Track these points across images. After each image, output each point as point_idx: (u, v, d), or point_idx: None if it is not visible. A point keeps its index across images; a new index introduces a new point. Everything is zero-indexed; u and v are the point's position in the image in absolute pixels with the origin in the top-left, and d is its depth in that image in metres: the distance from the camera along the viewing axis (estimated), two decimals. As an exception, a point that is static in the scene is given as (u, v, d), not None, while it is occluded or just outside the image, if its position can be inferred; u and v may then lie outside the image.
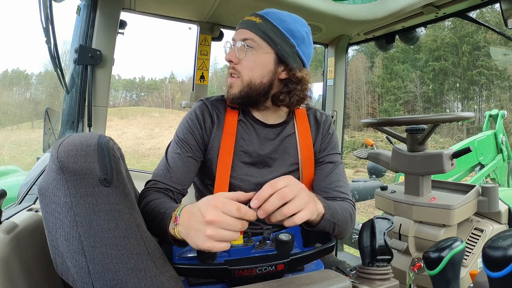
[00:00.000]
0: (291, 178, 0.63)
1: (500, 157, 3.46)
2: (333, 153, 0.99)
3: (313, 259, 0.73)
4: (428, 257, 0.62)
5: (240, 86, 0.89)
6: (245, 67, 0.89)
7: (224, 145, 0.91)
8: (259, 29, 0.88)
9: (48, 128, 1.26)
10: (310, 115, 1.01)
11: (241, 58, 0.88)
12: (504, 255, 0.41)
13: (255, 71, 0.89)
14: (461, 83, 25.60)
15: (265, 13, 0.90)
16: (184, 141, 0.90)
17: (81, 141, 0.56)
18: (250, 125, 0.96)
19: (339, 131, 2.04)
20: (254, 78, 0.89)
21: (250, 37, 0.88)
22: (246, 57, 0.88)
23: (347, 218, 0.82)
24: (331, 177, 0.94)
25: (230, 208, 0.56)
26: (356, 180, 2.60)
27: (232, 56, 0.89)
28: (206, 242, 0.55)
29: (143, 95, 43.07)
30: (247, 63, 0.89)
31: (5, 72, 37.21)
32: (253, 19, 0.90)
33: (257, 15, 0.90)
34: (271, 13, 0.91)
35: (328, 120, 1.03)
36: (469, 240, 1.26)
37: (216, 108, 0.95)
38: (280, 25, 0.89)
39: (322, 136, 1.00)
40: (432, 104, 26.53)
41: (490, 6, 2.16)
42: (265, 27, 0.88)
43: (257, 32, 0.88)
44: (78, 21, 1.31)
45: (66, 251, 0.52)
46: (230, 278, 0.63)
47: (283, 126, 0.98)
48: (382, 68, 28.99)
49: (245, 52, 0.88)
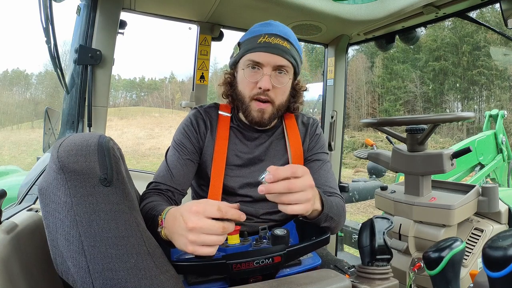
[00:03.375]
0: (308, 172, 0.64)
1: (500, 157, 3.46)
2: (321, 152, 1.03)
3: (309, 250, 0.73)
4: (428, 257, 0.62)
5: (272, 111, 0.93)
6: (279, 93, 0.92)
7: (217, 148, 0.95)
8: (291, 55, 0.90)
9: (48, 128, 1.26)
10: (298, 119, 1.07)
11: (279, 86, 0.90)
12: (504, 255, 0.41)
13: (284, 95, 0.94)
14: (461, 83, 25.61)
15: (286, 35, 0.91)
16: (181, 145, 0.94)
17: (81, 141, 0.56)
18: (242, 130, 1.00)
19: (339, 131, 2.04)
20: (283, 101, 0.95)
21: (286, 64, 0.90)
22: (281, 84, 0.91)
23: (340, 212, 0.84)
24: (320, 174, 0.97)
25: (211, 210, 0.57)
26: (356, 180, 2.59)
27: (269, 84, 0.88)
28: (189, 246, 0.56)
29: (143, 95, 43.10)
30: (281, 89, 0.92)
31: (5, 72, 37.24)
32: (282, 44, 0.89)
33: (283, 38, 0.90)
34: (289, 33, 0.92)
35: (315, 122, 1.08)
36: (469, 240, 1.26)
37: (209, 115, 0.99)
38: (297, 46, 0.93)
39: (310, 137, 1.04)
40: (432, 104, 26.54)
41: (490, 6, 2.17)
42: (293, 53, 0.91)
43: (290, 59, 0.90)
44: (78, 21, 1.31)
45: (66, 251, 0.53)
46: (228, 273, 0.63)
47: (273, 130, 1.02)
48: (382, 68, 29.00)
49: (285, 80, 0.91)
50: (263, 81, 0.88)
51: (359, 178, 2.69)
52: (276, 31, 0.90)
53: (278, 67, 0.89)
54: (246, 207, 0.95)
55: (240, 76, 0.94)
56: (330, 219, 0.78)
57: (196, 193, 1.03)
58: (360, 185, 2.38)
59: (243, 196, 0.95)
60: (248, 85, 0.91)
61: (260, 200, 0.95)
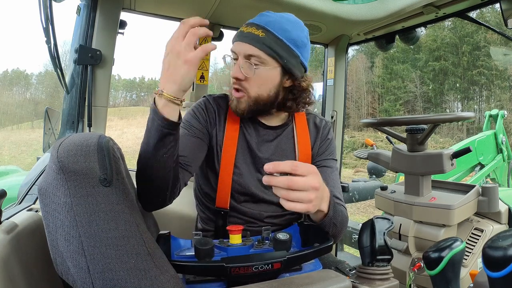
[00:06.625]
0: (315, 172, 0.62)
1: (500, 157, 3.46)
2: (330, 159, 1.00)
3: (310, 258, 0.73)
4: (428, 257, 0.62)
5: (247, 101, 0.88)
6: (252, 84, 0.87)
7: (228, 134, 0.92)
8: (264, 44, 0.84)
9: (48, 128, 1.26)
10: (309, 120, 1.02)
11: (247, 76, 0.86)
12: (504, 255, 0.41)
13: (262, 87, 0.88)
14: (461, 83, 25.60)
15: (266, 24, 0.86)
16: (189, 123, 0.91)
17: (81, 141, 0.56)
18: (251, 124, 0.97)
19: (339, 131, 2.03)
20: (262, 93, 0.88)
21: (255, 53, 0.84)
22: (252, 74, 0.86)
23: (344, 223, 0.83)
24: (327, 182, 0.93)
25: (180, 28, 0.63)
26: (356, 180, 2.59)
27: (238, 73, 0.85)
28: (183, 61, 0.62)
29: (143, 95, 43.09)
30: (254, 80, 0.87)
31: (5, 72, 37.24)
32: (255, 32, 0.85)
33: (258, 26, 0.85)
34: (272, 22, 0.86)
35: (327, 125, 1.03)
36: (469, 240, 1.26)
37: (218, 104, 0.96)
38: (284, 36, 0.86)
39: (321, 141, 1.00)
40: (432, 104, 26.53)
41: (490, 6, 2.17)
42: (269, 41, 0.84)
43: (262, 48, 0.84)
44: (78, 21, 1.31)
45: (66, 251, 0.52)
46: (226, 276, 0.63)
47: (283, 129, 0.99)
48: (382, 68, 28.99)
49: (252, 70, 0.85)
50: (233, 70, 0.87)
51: (359, 178, 2.69)
52: (256, 20, 0.87)
53: (248, 56, 0.85)
54: (250, 209, 0.94)
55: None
56: (333, 226, 0.76)
57: (200, 186, 0.99)
58: (360, 185, 2.38)
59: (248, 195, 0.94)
60: (231, 76, 0.90)
61: (263, 201, 0.94)
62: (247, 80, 0.86)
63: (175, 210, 1.43)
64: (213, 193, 0.94)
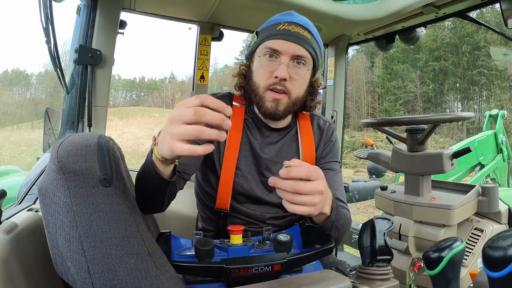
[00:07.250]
0: (322, 177, 0.63)
1: (500, 157, 3.46)
2: (334, 161, 1.00)
3: (310, 260, 0.72)
4: (428, 257, 0.62)
5: (287, 102, 0.87)
6: (295, 85, 0.86)
7: (231, 135, 0.91)
8: (311, 46, 0.85)
9: (48, 128, 1.26)
10: (313, 121, 1.02)
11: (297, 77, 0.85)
12: (504, 255, 0.41)
13: (302, 88, 0.89)
14: (461, 83, 25.61)
15: (306, 25, 0.87)
16: None
17: (81, 141, 0.56)
18: (255, 125, 0.96)
19: (339, 131, 2.03)
20: (300, 94, 0.89)
21: (304, 54, 0.85)
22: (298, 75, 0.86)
23: (346, 225, 0.83)
24: (330, 185, 0.93)
25: (190, 100, 0.53)
26: (356, 180, 2.59)
27: (286, 73, 0.83)
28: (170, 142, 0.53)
29: (143, 95, 43.12)
30: (298, 81, 0.86)
31: (5, 72, 37.24)
32: (303, 33, 0.85)
33: (303, 27, 0.86)
34: (309, 24, 0.87)
35: (331, 127, 1.03)
36: (469, 240, 1.26)
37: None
38: (318, 39, 0.89)
39: (325, 143, 1.00)
40: (432, 104, 26.54)
41: (490, 6, 2.17)
42: (314, 43, 0.86)
43: (309, 49, 0.85)
44: (78, 21, 1.31)
45: (66, 251, 0.52)
46: (226, 277, 0.63)
47: (287, 130, 0.99)
48: (382, 68, 29.00)
49: (304, 70, 0.85)
50: (280, 70, 0.82)
51: (359, 178, 2.69)
52: (297, 20, 0.87)
53: (297, 56, 0.84)
54: (251, 210, 0.93)
55: (255, 65, 0.89)
56: (336, 229, 0.76)
57: (202, 187, 0.98)
58: (360, 185, 2.38)
59: (250, 197, 0.93)
60: (264, 74, 0.86)
61: (265, 203, 0.94)
62: (291, 80, 0.85)
63: (175, 210, 1.43)
64: (214, 193, 0.94)
